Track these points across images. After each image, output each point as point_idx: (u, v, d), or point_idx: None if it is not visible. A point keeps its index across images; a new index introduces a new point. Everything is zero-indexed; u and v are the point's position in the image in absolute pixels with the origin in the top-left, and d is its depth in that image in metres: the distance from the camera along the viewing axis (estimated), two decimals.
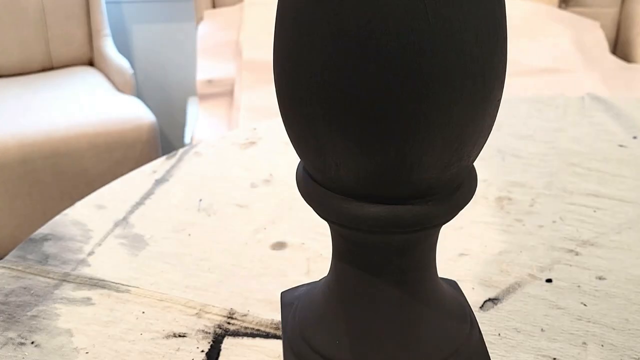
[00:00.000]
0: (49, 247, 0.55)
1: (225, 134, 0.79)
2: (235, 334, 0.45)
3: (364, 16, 0.27)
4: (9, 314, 0.47)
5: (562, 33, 1.61)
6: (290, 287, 0.46)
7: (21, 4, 1.86)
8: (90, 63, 1.97)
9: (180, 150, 0.73)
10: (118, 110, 1.62)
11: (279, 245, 0.55)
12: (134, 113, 1.62)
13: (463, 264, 0.52)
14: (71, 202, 0.64)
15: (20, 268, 0.53)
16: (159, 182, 0.66)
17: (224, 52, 1.68)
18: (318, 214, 0.34)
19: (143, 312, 0.47)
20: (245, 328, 0.46)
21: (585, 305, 0.46)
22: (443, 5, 0.26)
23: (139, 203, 0.62)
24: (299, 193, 0.34)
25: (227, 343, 0.44)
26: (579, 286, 0.49)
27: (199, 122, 1.51)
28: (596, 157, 0.70)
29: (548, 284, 0.49)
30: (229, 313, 0.47)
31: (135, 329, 0.46)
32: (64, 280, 0.51)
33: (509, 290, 0.48)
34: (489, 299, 0.47)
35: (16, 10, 1.85)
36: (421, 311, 0.37)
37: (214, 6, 1.90)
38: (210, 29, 1.77)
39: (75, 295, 0.49)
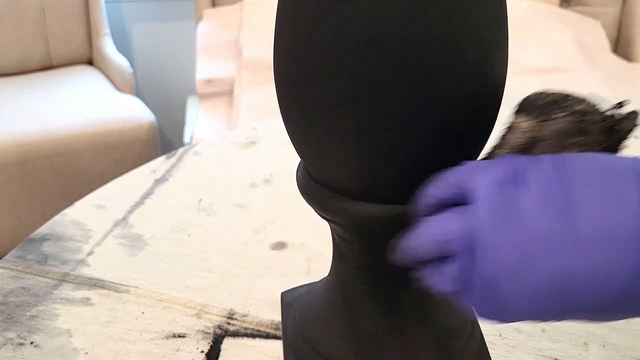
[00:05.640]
0: (48, 247, 0.55)
1: (225, 133, 0.79)
2: (235, 334, 0.45)
3: (364, 17, 0.27)
4: (8, 314, 0.47)
5: (563, 32, 1.60)
6: (291, 288, 0.45)
7: (20, 3, 1.85)
8: (90, 62, 1.97)
9: (180, 150, 0.73)
10: (117, 110, 1.61)
11: (279, 245, 0.55)
12: (134, 112, 1.61)
13: None
14: (70, 202, 0.64)
15: (19, 268, 0.52)
16: (158, 181, 0.66)
17: (224, 52, 1.68)
18: (318, 213, 0.34)
19: (143, 313, 0.47)
20: (245, 328, 0.45)
21: None
22: (444, 6, 0.26)
23: (139, 203, 0.62)
24: (299, 193, 0.34)
25: (227, 343, 0.44)
26: None
27: (199, 121, 1.51)
28: None
29: None
30: (229, 313, 0.47)
31: (134, 329, 0.45)
32: (64, 281, 0.51)
33: None
34: None
35: (15, 10, 1.85)
36: (422, 311, 0.36)
37: (213, 5, 1.90)
38: (210, 28, 1.76)
39: (75, 295, 0.49)
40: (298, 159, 0.35)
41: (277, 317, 0.46)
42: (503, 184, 0.25)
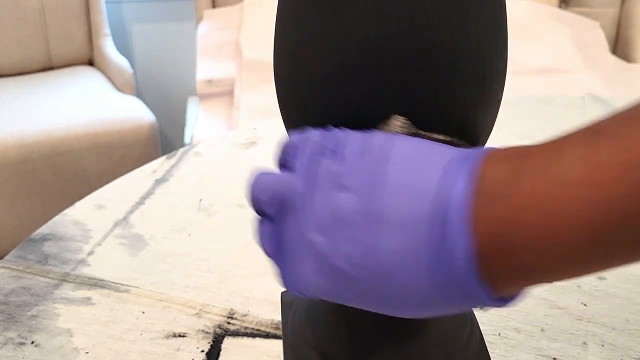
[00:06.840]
0: (48, 247, 0.55)
1: (225, 134, 0.79)
2: (235, 334, 0.45)
3: (364, 17, 0.27)
4: (9, 314, 0.47)
5: (562, 33, 1.61)
6: None
7: (21, 3, 1.85)
8: (90, 63, 1.97)
9: (180, 150, 0.73)
10: (118, 110, 1.62)
11: None
12: (134, 113, 1.62)
13: None
14: (71, 202, 0.64)
15: (20, 268, 0.53)
16: (159, 182, 0.66)
17: (224, 52, 1.68)
18: None
19: (143, 312, 0.47)
20: (245, 328, 0.46)
21: (585, 305, 0.46)
22: (443, 6, 0.27)
23: (139, 203, 0.62)
24: None
25: (227, 343, 0.44)
26: (579, 286, 0.49)
27: (199, 122, 1.51)
28: None
29: (548, 283, 0.49)
30: (229, 313, 0.47)
31: (135, 329, 0.46)
32: (64, 280, 0.51)
33: None
34: None
35: (16, 10, 1.85)
36: None
37: (214, 6, 1.90)
38: (210, 28, 1.76)
39: (75, 295, 0.49)
40: None
41: (277, 316, 0.46)
42: (320, 154, 0.26)
